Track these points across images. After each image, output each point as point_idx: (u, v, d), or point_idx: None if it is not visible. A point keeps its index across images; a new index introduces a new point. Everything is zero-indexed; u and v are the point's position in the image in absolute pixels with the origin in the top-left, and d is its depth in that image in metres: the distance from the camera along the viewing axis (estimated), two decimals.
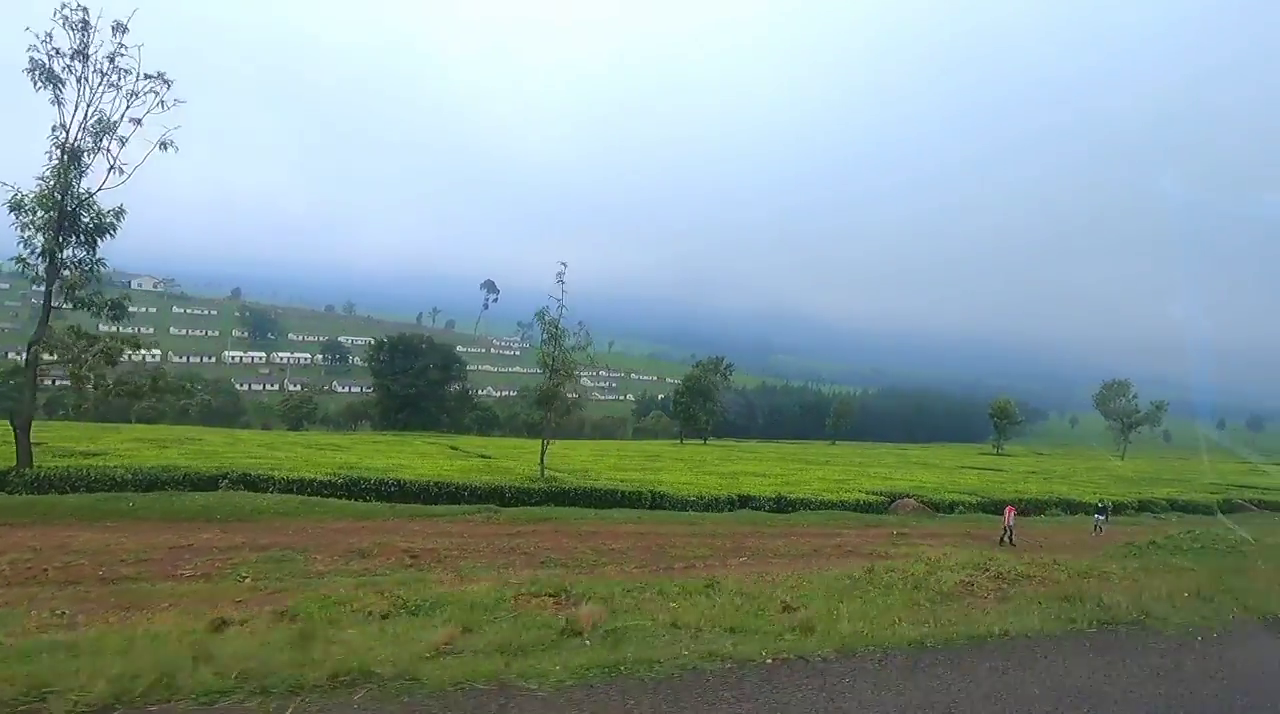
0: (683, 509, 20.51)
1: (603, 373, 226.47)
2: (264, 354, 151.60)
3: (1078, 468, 51.84)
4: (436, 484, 18.75)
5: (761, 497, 22.61)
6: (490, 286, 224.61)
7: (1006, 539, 18.58)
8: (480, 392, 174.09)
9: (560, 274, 22.26)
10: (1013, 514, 19.63)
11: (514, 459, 33.26)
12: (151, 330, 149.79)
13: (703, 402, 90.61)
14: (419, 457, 29.18)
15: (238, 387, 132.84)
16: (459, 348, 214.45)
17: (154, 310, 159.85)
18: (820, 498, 22.83)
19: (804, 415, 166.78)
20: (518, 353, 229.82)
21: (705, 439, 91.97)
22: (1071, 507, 27.05)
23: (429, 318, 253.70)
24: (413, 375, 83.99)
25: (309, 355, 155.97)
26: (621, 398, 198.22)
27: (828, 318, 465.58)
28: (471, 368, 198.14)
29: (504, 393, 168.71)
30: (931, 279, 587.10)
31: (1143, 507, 28.62)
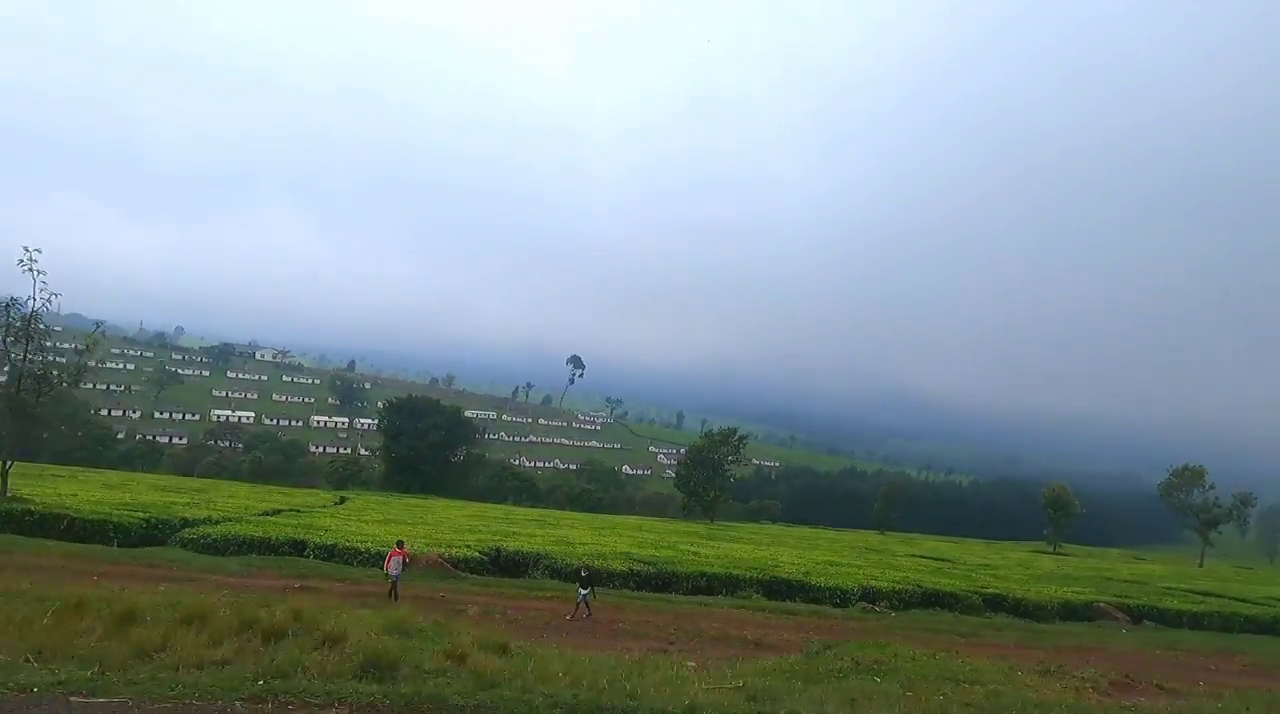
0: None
1: (683, 451, 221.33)
2: (346, 420, 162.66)
3: (1077, 566, 41.26)
4: None
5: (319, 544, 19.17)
6: (576, 361, 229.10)
7: (391, 594, 14.19)
8: (547, 464, 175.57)
9: (25, 259, 19.52)
10: (397, 559, 14.62)
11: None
12: (255, 395, 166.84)
13: (708, 476, 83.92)
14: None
15: (313, 449, 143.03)
16: (542, 421, 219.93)
17: (265, 378, 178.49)
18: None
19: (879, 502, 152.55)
20: (598, 427, 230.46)
21: (712, 518, 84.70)
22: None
23: (523, 392, 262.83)
24: (414, 436, 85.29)
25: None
26: None
27: (956, 404, 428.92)
28: (547, 441, 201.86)
29: (569, 466, 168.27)
30: (1087, 361, 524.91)
31: (945, 601, 20.96)
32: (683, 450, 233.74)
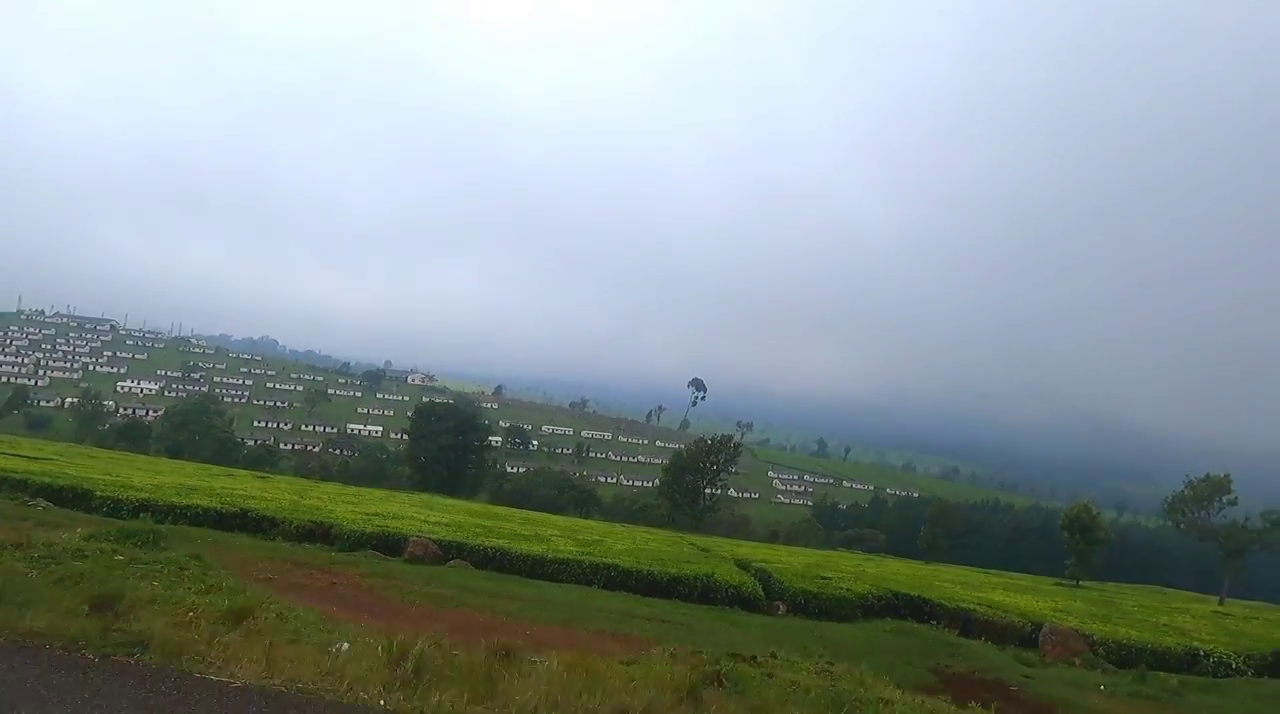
0: None
1: (806, 477, 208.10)
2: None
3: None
4: None
5: None
6: (699, 384, 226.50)
7: None
8: (648, 484, 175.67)
9: None
10: None
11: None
12: (392, 413, 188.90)
13: (691, 482, 79.56)
14: None
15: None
16: (659, 443, 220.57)
17: (407, 399, 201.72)
18: None
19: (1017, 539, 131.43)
20: None
21: (698, 529, 79.65)
22: None
23: (655, 416, 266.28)
24: (429, 440, 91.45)
25: (498, 439, 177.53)
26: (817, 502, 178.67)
27: (1196, 446, 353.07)
28: (656, 462, 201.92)
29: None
30: None
31: None
32: (805, 476, 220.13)
